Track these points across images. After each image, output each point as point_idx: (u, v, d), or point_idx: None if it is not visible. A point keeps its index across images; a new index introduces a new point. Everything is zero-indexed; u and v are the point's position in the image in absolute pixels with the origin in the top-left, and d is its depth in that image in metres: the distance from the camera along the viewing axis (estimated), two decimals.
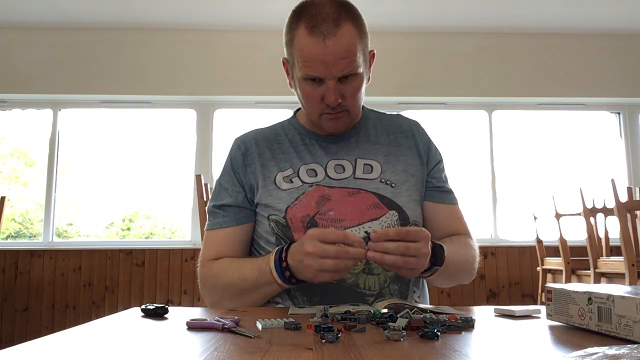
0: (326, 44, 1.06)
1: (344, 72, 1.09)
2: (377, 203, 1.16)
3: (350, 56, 1.08)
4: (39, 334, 3.90)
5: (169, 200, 4.53)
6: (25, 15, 4.21)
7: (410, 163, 1.24)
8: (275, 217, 1.16)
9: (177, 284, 4.14)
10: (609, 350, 0.44)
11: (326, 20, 1.07)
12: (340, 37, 1.07)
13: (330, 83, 1.09)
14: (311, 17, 1.08)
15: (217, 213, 1.22)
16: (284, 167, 1.20)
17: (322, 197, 1.16)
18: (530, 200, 4.41)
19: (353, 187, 1.17)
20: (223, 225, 1.20)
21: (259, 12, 4.17)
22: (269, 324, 0.75)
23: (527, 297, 4.27)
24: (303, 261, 0.94)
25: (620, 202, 2.99)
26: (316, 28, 1.07)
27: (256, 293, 1.09)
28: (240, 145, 1.26)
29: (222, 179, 1.25)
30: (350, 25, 1.09)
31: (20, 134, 4.64)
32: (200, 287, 1.20)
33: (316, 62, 1.08)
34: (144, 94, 4.42)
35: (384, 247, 0.91)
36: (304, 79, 1.12)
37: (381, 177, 1.19)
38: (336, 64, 1.07)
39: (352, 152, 1.23)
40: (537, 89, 4.54)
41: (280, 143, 1.25)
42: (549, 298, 0.77)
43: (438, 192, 1.26)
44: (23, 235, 4.49)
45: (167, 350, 0.61)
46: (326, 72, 1.08)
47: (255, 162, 1.22)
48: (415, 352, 0.58)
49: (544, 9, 4.21)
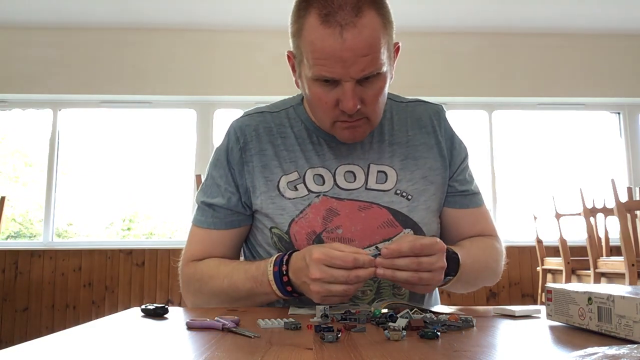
0: (344, 37, 0.87)
1: (365, 72, 0.91)
2: (391, 220, 1.04)
3: (373, 52, 0.90)
4: (39, 334, 3.89)
5: (169, 200, 4.52)
6: (25, 15, 4.21)
7: (430, 167, 1.09)
8: (277, 232, 1.05)
9: (177, 284, 4.11)
10: (609, 350, 0.44)
11: (344, 6, 0.87)
12: (362, 28, 0.87)
13: (347, 85, 0.91)
14: (324, 3, 0.88)
15: (206, 211, 1.09)
16: (288, 169, 1.06)
17: (330, 210, 1.03)
18: (530, 200, 4.41)
19: (364, 200, 1.04)
20: (212, 227, 1.08)
21: (259, 12, 4.17)
22: (269, 324, 0.75)
23: (527, 297, 4.27)
24: (309, 285, 0.86)
25: (620, 202, 2.99)
26: (331, 16, 0.88)
27: (249, 301, 1.00)
28: (239, 136, 1.08)
29: (214, 171, 1.10)
30: (373, 13, 0.89)
31: (20, 134, 4.64)
32: (182, 288, 1.12)
33: (331, 59, 0.89)
34: (144, 94, 4.42)
35: (394, 263, 0.83)
36: (314, 79, 0.94)
37: (396, 189, 1.05)
38: (356, 62, 0.89)
39: (365, 155, 1.07)
40: (537, 89, 4.54)
41: (285, 137, 1.08)
42: (549, 298, 0.77)
43: (462, 197, 1.13)
44: (23, 235, 4.49)
45: (167, 350, 0.61)
46: (343, 72, 0.90)
47: (254, 160, 1.06)
48: (415, 352, 0.57)
49: (544, 9, 4.20)
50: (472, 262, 1.00)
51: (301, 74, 0.99)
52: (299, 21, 0.94)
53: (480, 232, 1.14)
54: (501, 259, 1.13)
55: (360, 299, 1.04)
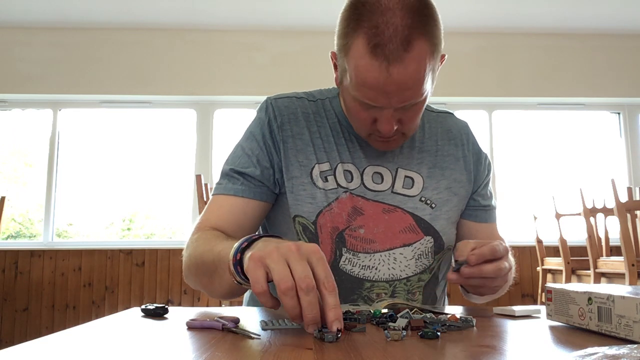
0: (390, 72, 0.85)
1: (406, 103, 0.90)
2: (413, 226, 1.04)
3: (417, 85, 0.88)
4: (39, 334, 3.90)
5: (169, 200, 4.53)
6: (25, 15, 4.21)
7: (456, 179, 1.10)
8: (303, 221, 1.02)
9: (177, 284, 4.14)
10: (609, 350, 0.44)
11: (393, 39, 0.84)
12: (410, 63, 0.85)
13: (386, 112, 0.91)
14: (375, 31, 0.85)
15: (235, 178, 1.02)
16: (321, 158, 1.04)
17: (355, 209, 1.02)
18: (530, 200, 4.41)
19: (390, 203, 1.04)
20: (239, 194, 1.01)
21: (259, 12, 4.17)
22: (270, 324, 0.75)
23: (527, 297, 4.27)
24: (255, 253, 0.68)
25: (620, 202, 2.99)
26: (379, 48, 0.85)
27: (213, 279, 0.86)
28: (277, 114, 1.05)
29: (246, 144, 1.05)
30: (422, 44, 0.86)
31: (20, 134, 4.64)
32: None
33: (374, 90, 0.88)
34: (144, 94, 4.42)
35: (482, 272, 0.82)
36: (355, 99, 0.94)
37: (421, 195, 1.06)
38: (398, 95, 0.88)
39: (394, 159, 1.07)
40: (537, 89, 4.54)
41: (321, 126, 1.06)
42: (549, 298, 0.77)
43: (483, 212, 1.15)
44: (23, 235, 4.49)
45: (167, 350, 0.61)
46: (385, 102, 0.90)
47: (290, 142, 1.04)
48: (415, 352, 0.58)
49: (544, 9, 4.21)
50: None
51: (342, 81, 0.97)
52: (347, 37, 0.90)
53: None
54: (514, 271, 1.15)
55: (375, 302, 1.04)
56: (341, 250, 1.01)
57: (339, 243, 1.01)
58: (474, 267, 0.83)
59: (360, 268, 1.01)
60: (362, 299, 1.02)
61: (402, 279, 1.03)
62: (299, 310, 0.64)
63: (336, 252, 1.01)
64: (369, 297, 1.02)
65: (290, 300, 0.64)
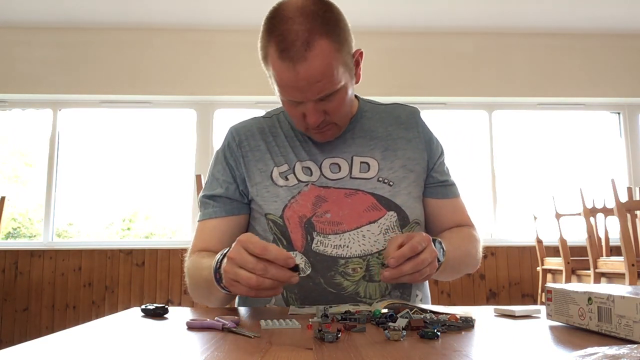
0: (297, 70, 0.98)
1: (322, 94, 1.02)
2: (375, 204, 1.13)
3: (326, 77, 1.00)
4: (39, 334, 3.90)
5: (169, 200, 4.53)
6: (25, 15, 4.21)
7: (409, 157, 1.19)
8: (272, 217, 1.13)
9: (177, 284, 4.14)
10: (609, 350, 0.44)
11: (295, 43, 0.97)
12: (312, 60, 0.97)
13: (308, 105, 1.03)
14: (281, 38, 0.98)
15: (207, 203, 1.19)
16: (279, 162, 1.16)
17: (319, 197, 1.12)
18: (530, 200, 4.41)
19: (350, 187, 1.13)
20: (213, 216, 1.17)
21: (259, 12, 4.15)
22: (270, 324, 0.75)
23: (527, 297, 4.27)
24: (224, 265, 0.88)
25: (620, 202, 2.99)
26: (285, 52, 0.98)
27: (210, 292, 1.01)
28: (235, 135, 1.22)
29: (214, 169, 1.22)
30: (323, 42, 0.98)
31: (20, 134, 4.64)
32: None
33: (290, 88, 1.01)
34: (143, 94, 4.42)
35: (402, 270, 0.89)
36: (283, 100, 1.07)
37: (378, 176, 1.15)
38: (311, 88, 1.00)
39: (348, 149, 1.18)
40: (537, 89, 4.54)
41: (276, 136, 1.20)
42: (549, 298, 0.77)
43: (442, 188, 1.23)
44: (23, 235, 4.49)
45: (167, 350, 0.61)
46: (302, 96, 1.02)
47: (249, 155, 1.18)
48: (415, 352, 0.58)
49: (544, 9, 4.21)
50: (454, 249, 1.09)
51: (273, 87, 1.09)
52: (264, 49, 1.04)
53: (459, 221, 1.24)
54: (479, 246, 1.23)
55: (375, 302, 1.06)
56: (312, 234, 1.11)
57: (308, 228, 1.10)
58: (395, 269, 0.89)
59: (332, 248, 1.10)
60: (339, 275, 1.09)
61: (374, 253, 1.11)
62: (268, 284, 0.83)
63: (307, 237, 1.11)
64: (345, 272, 1.10)
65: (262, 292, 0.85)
